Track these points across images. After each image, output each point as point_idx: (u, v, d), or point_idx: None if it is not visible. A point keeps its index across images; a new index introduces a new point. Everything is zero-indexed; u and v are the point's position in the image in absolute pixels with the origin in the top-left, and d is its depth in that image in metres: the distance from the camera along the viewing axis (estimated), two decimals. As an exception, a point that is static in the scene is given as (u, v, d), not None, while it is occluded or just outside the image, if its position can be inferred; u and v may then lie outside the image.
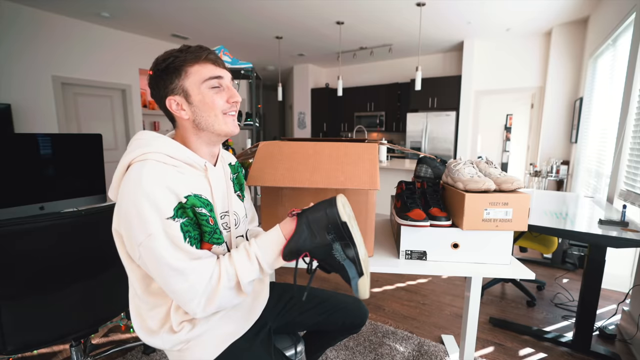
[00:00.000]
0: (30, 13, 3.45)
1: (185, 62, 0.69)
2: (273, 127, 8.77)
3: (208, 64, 0.71)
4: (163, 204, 0.61)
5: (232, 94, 0.74)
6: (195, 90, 0.70)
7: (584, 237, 1.39)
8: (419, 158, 1.36)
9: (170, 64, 0.69)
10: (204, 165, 0.73)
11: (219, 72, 0.72)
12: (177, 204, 0.63)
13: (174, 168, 0.67)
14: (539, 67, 4.25)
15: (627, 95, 2.04)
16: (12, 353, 0.97)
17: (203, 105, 0.71)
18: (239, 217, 0.83)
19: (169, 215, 0.62)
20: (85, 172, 1.71)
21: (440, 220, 1.06)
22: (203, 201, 0.69)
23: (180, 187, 0.65)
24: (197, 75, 0.70)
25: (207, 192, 0.72)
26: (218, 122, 0.73)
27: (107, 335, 1.69)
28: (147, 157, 0.64)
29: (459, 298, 2.12)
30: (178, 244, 0.62)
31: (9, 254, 0.90)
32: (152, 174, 0.62)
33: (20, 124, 3.43)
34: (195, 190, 0.68)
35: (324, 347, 1.13)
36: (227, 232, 0.77)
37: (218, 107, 0.72)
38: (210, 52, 0.72)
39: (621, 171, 2.03)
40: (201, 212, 0.67)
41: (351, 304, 1.03)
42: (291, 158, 1.09)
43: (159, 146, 0.67)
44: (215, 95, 0.72)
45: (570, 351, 1.59)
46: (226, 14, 3.67)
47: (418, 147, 5.08)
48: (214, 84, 0.72)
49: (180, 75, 0.69)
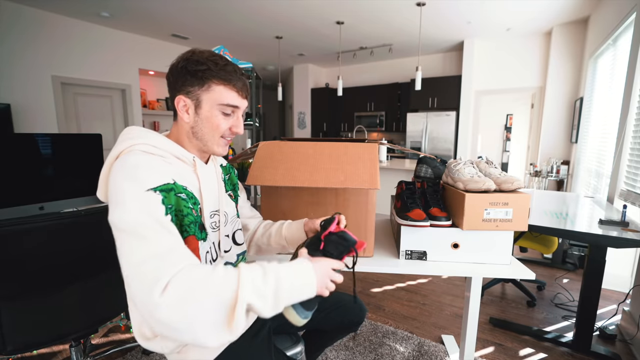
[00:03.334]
0: (31, 13, 3.45)
1: (214, 77, 0.69)
2: (273, 127, 8.77)
3: (233, 91, 0.72)
4: (145, 176, 0.59)
5: (237, 124, 0.75)
6: (207, 106, 0.71)
7: (584, 237, 1.39)
8: (419, 158, 1.36)
9: (199, 71, 0.68)
10: (192, 160, 0.73)
11: (237, 103, 0.73)
12: (162, 182, 0.61)
13: (161, 158, 0.66)
14: (539, 67, 4.25)
15: (627, 95, 2.04)
16: (11, 353, 0.97)
17: (207, 122, 0.72)
18: (229, 217, 0.83)
19: (150, 186, 0.58)
20: (85, 172, 1.71)
21: (441, 220, 1.06)
22: (187, 193, 0.68)
23: (167, 173, 0.64)
24: (217, 95, 0.70)
25: (195, 187, 0.71)
26: (212, 142, 0.74)
27: (107, 335, 1.69)
28: (134, 149, 0.64)
29: (459, 298, 2.12)
30: (157, 217, 0.56)
31: (9, 254, 0.90)
32: (138, 158, 0.61)
33: (20, 124, 3.43)
34: (181, 181, 0.67)
35: (323, 346, 1.13)
36: (215, 232, 0.77)
37: (219, 131, 0.73)
38: (240, 80, 0.72)
39: (621, 171, 2.02)
40: (182, 196, 0.65)
41: (350, 302, 1.04)
42: (291, 158, 1.09)
43: (146, 138, 0.66)
44: (222, 120, 0.73)
45: (571, 351, 1.59)
46: (226, 13, 3.67)
47: (418, 147, 5.08)
48: (228, 110, 0.73)
49: (203, 85, 0.69)
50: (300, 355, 0.98)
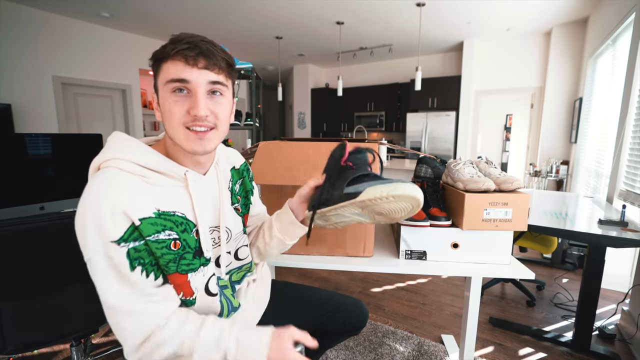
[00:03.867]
0: (31, 13, 3.45)
1: (162, 55, 0.58)
2: (273, 127, 8.77)
3: (178, 62, 0.57)
4: (109, 225, 0.52)
5: (193, 104, 0.58)
6: (161, 92, 0.59)
7: (583, 237, 1.39)
8: (418, 158, 1.36)
9: (154, 56, 0.59)
10: (183, 175, 0.63)
11: (184, 74, 0.57)
12: (129, 226, 0.54)
13: (141, 178, 0.58)
14: (538, 67, 4.25)
15: (626, 95, 2.04)
16: (12, 353, 0.97)
17: (164, 111, 0.60)
18: (232, 233, 0.74)
19: (114, 238, 0.53)
20: (85, 172, 1.70)
21: (440, 220, 1.06)
22: (174, 220, 0.60)
23: (139, 206, 0.55)
24: (164, 74, 0.58)
25: (186, 207, 0.63)
26: (178, 136, 0.60)
27: (107, 335, 1.69)
28: (111, 164, 0.57)
29: (459, 298, 2.13)
30: (123, 271, 0.54)
31: (9, 254, 0.90)
32: (107, 188, 0.53)
33: (20, 124, 3.43)
34: (165, 207, 0.59)
35: (323, 348, 1.11)
36: (216, 248, 0.70)
37: (175, 117, 0.58)
38: (189, 47, 0.57)
39: (621, 171, 2.03)
40: (157, 238, 0.57)
41: (351, 306, 1.00)
42: (291, 157, 1.09)
43: (127, 152, 0.58)
44: (174, 102, 0.58)
45: (570, 351, 1.59)
46: (226, 14, 3.67)
47: (418, 147, 5.08)
48: (177, 88, 0.58)
49: (158, 70, 0.59)
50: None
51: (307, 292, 1.00)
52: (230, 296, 0.75)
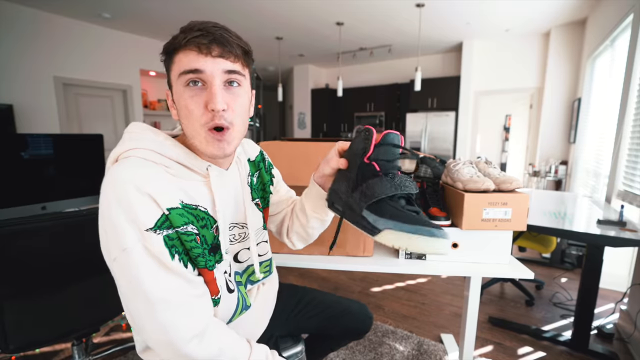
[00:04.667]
0: (31, 14, 3.45)
1: (173, 46, 0.53)
2: (273, 128, 8.77)
3: (190, 51, 0.52)
4: (141, 212, 0.49)
5: (209, 97, 0.52)
6: (175, 87, 0.54)
7: (582, 237, 1.40)
8: (418, 158, 1.37)
9: (165, 48, 0.54)
10: (205, 170, 0.60)
11: (198, 64, 0.51)
12: (160, 214, 0.51)
13: (164, 168, 0.54)
14: (537, 68, 4.27)
15: (625, 95, 2.05)
16: (14, 352, 0.97)
17: (180, 109, 0.55)
18: (251, 230, 0.70)
19: (149, 226, 0.49)
20: (86, 172, 1.72)
21: (440, 220, 1.06)
22: (196, 214, 0.56)
23: (166, 195, 0.52)
24: (177, 66, 0.53)
25: (208, 203, 0.59)
26: (199, 139, 0.55)
27: (109, 334, 1.69)
28: (132, 154, 0.53)
29: (458, 297, 2.13)
30: (164, 262, 0.50)
31: (11, 254, 0.90)
32: (131, 175, 0.50)
33: (22, 125, 3.44)
34: (188, 199, 0.56)
35: (326, 351, 1.10)
36: (234, 245, 0.68)
37: (195, 118, 0.54)
38: (202, 34, 0.51)
39: (619, 171, 2.04)
40: (186, 230, 0.54)
41: (356, 310, 0.98)
42: (291, 158, 1.10)
43: (148, 141, 0.54)
44: (190, 98, 0.53)
45: (569, 350, 1.60)
46: (226, 14, 3.68)
47: (417, 147, 5.09)
48: (190, 79, 0.52)
49: (170, 64, 0.54)
50: (300, 356, 0.98)
51: (312, 295, 0.99)
52: (245, 293, 0.74)
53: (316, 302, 0.97)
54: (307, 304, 0.96)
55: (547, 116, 4.01)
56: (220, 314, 0.64)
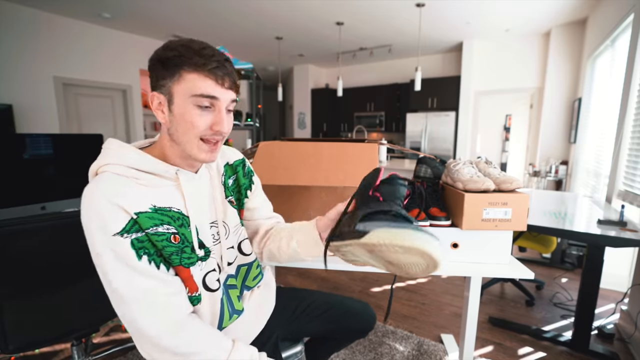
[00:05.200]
0: (31, 14, 3.45)
1: (184, 64, 0.59)
2: (273, 127, 8.78)
3: (209, 79, 0.59)
4: (109, 219, 0.55)
5: (218, 120, 0.62)
6: (180, 100, 0.60)
7: (582, 237, 1.40)
8: (418, 158, 1.37)
9: (168, 59, 0.59)
10: (174, 174, 0.65)
11: (215, 92, 0.60)
12: (128, 219, 0.57)
13: (134, 180, 0.60)
14: (538, 68, 4.26)
15: (625, 95, 2.05)
16: (13, 352, 0.97)
17: (181, 120, 0.61)
18: (229, 227, 0.76)
19: (116, 230, 0.55)
20: (86, 172, 1.71)
21: (440, 220, 1.06)
22: (171, 215, 0.62)
23: (135, 202, 0.58)
24: (189, 85, 0.59)
25: (181, 204, 0.65)
26: (190, 145, 0.62)
27: (108, 334, 1.69)
28: (106, 169, 0.60)
29: (458, 298, 2.13)
30: (130, 264, 0.56)
31: (11, 254, 0.90)
32: (103, 189, 0.56)
33: (21, 125, 3.44)
34: (160, 203, 0.61)
35: (329, 353, 1.09)
36: (217, 245, 0.72)
37: (196, 130, 0.61)
38: (218, 66, 0.60)
39: (619, 171, 2.03)
40: (156, 231, 0.59)
41: (359, 310, 0.98)
42: (291, 157, 1.09)
43: (120, 157, 0.61)
44: (198, 116, 0.60)
45: (569, 350, 1.59)
46: (226, 14, 3.68)
47: (418, 147, 5.09)
48: (204, 103, 0.60)
49: (173, 76, 0.59)
50: (300, 356, 0.98)
51: (314, 296, 0.99)
52: (235, 298, 0.75)
53: (317, 303, 0.96)
54: (308, 306, 0.95)
55: (548, 116, 4.01)
56: (205, 315, 0.67)
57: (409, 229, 0.53)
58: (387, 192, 0.63)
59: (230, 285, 0.74)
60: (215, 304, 0.69)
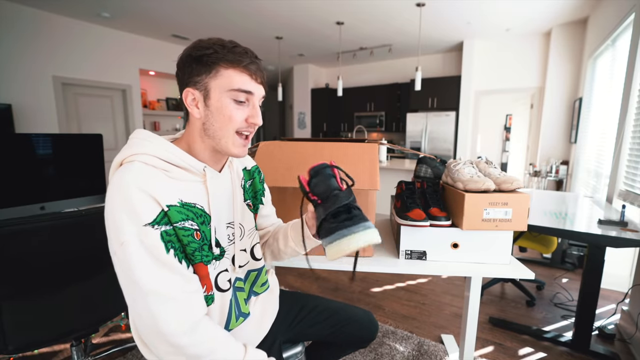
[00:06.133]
0: (31, 14, 3.45)
1: (221, 60, 0.61)
2: (273, 127, 8.77)
3: (244, 74, 0.63)
4: (141, 209, 0.55)
5: (254, 113, 0.65)
6: (217, 94, 0.62)
7: (583, 237, 1.39)
8: (418, 158, 1.36)
9: (204, 56, 0.61)
10: (202, 171, 0.66)
11: (251, 87, 0.64)
12: (159, 211, 0.57)
13: (163, 172, 0.60)
14: (538, 68, 4.26)
15: (626, 95, 2.05)
16: (13, 352, 0.97)
17: (218, 114, 0.63)
18: (245, 229, 0.77)
19: (148, 221, 0.55)
20: (85, 172, 1.71)
21: (440, 220, 1.06)
22: (195, 211, 0.63)
23: (165, 194, 0.58)
24: (226, 80, 0.62)
25: (204, 201, 0.65)
26: (226, 140, 0.65)
27: (108, 334, 1.69)
28: (135, 159, 0.59)
29: (458, 298, 2.13)
30: (158, 256, 0.56)
31: (10, 254, 0.90)
32: (134, 177, 0.56)
33: (21, 124, 3.44)
34: (187, 198, 0.62)
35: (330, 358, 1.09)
36: (231, 245, 0.72)
37: (233, 123, 0.64)
38: (252, 62, 0.63)
39: (620, 171, 2.03)
40: (183, 226, 0.60)
41: (362, 318, 0.98)
42: (291, 158, 1.09)
43: (150, 147, 0.61)
44: (235, 109, 0.64)
45: (570, 351, 1.59)
46: (226, 14, 3.67)
47: (418, 147, 5.08)
48: (241, 97, 0.63)
49: (210, 71, 0.61)
50: (300, 355, 0.98)
51: (317, 302, 0.99)
52: (242, 300, 0.75)
53: (321, 308, 0.96)
54: (310, 311, 0.95)
55: (548, 116, 4.01)
56: (214, 315, 0.67)
57: (348, 235, 0.62)
58: (320, 191, 0.67)
59: (238, 287, 0.74)
60: (225, 305, 0.69)
